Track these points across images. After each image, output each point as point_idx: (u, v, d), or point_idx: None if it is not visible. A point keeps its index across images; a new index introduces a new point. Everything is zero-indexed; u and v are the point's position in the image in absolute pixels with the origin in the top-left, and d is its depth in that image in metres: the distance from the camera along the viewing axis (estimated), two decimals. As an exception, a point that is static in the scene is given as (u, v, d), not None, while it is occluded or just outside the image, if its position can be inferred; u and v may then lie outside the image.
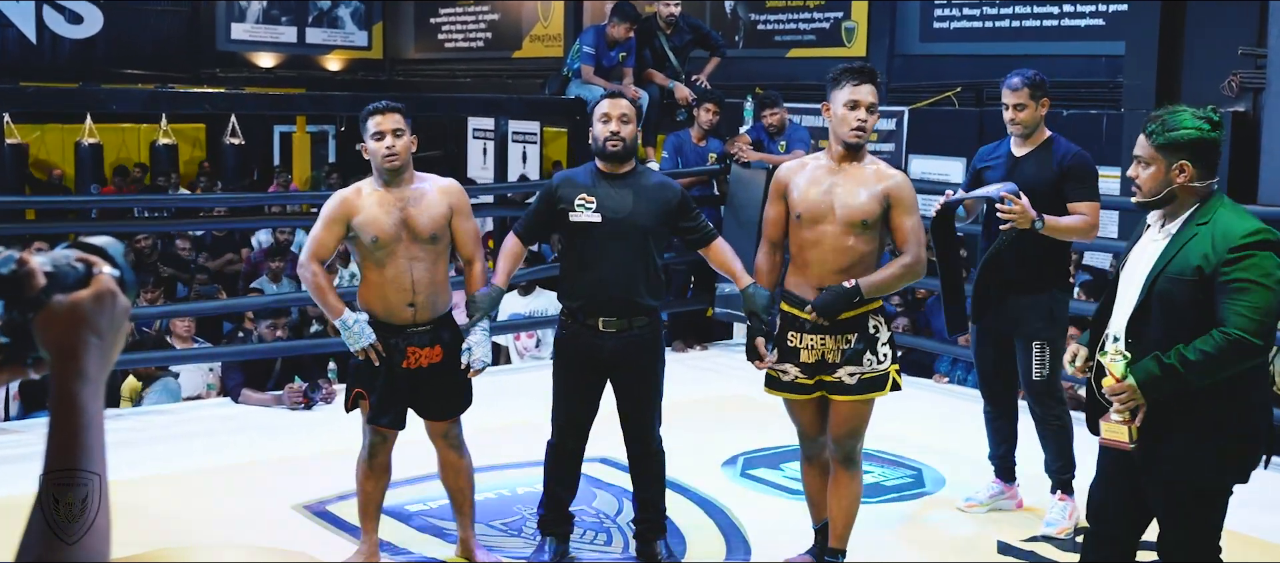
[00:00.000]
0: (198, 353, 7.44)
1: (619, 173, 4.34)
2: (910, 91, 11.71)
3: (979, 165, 5.01)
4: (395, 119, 4.24)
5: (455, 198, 4.33)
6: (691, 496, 5.20)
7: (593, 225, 4.27)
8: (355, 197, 4.27)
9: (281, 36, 18.21)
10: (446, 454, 4.46)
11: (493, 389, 7.24)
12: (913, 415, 6.06)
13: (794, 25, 12.96)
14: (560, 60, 11.21)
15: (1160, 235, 3.33)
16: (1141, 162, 3.30)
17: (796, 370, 4.18)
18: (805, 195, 4.12)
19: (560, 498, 4.53)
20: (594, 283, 4.28)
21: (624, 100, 4.36)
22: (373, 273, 4.26)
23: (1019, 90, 4.77)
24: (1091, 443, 3.58)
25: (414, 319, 4.25)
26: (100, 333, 1.30)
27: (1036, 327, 4.77)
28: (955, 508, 5.13)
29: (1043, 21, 10.82)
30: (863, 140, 4.10)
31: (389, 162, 4.21)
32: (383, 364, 4.24)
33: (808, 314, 4.10)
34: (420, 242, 4.23)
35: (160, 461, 5.59)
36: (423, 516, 4.97)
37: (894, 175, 4.17)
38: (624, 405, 4.43)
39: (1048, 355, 4.75)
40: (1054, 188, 4.74)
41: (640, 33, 8.79)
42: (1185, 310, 3.21)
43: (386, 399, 4.26)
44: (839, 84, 4.10)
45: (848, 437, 4.23)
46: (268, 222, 11.10)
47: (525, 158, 14.79)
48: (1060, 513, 4.86)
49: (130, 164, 15.41)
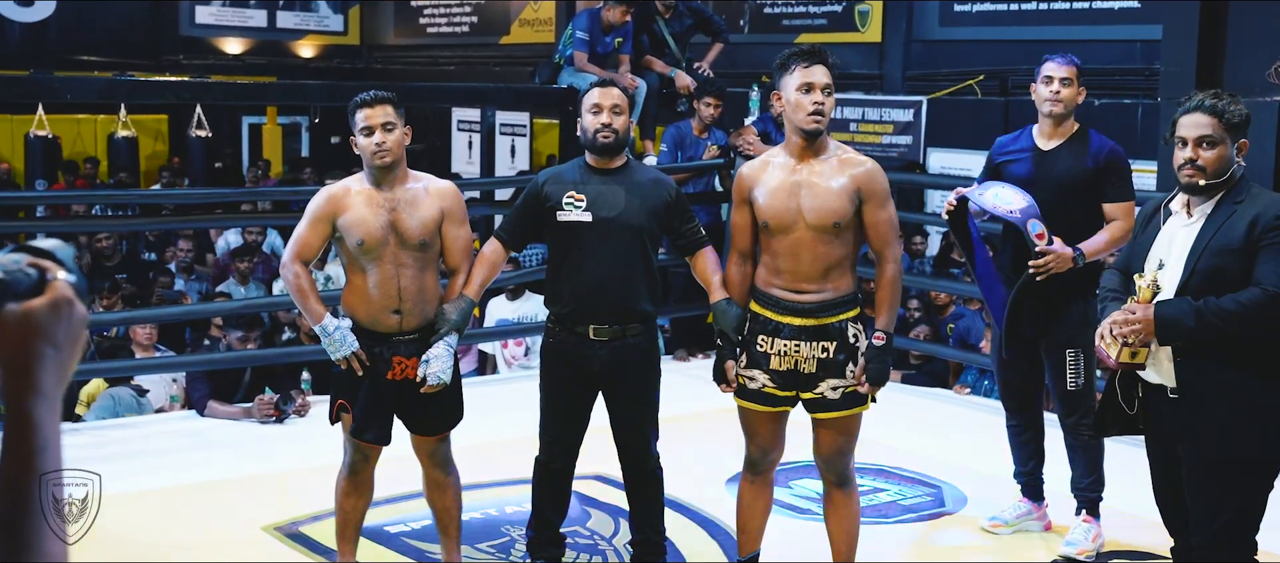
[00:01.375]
0: (160, 362, 7.44)
1: (610, 168, 4.34)
2: (929, 80, 11.74)
3: (998, 159, 4.94)
4: (386, 111, 4.20)
5: (449, 202, 4.30)
6: (693, 515, 5.21)
7: (583, 225, 4.27)
8: (344, 194, 4.25)
9: (250, 20, 18.23)
10: (433, 473, 4.44)
11: (480, 400, 7.25)
12: (931, 429, 6.07)
13: (804, 8, 12.99)
14: (551, 47, 11.24)
15: (1193, 218, 3.56)
16: (1208, 141, 3.50)
17: (766, 378, 4.14)
18: (770, 205, 4.07)
19: (550, 519, 4.54)
20: (584, 287, 4.28)
21: (616, 89, 4.36)
22: (358, 277, 4.25)
23: (1066, 66, 4.75)
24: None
25: (400, 327, 4.24)
26: (57, 344, 1.28)
27: (1071, 334, 4.74)
28: (979, 528, 5.13)
29: (1073, 3, 10.85)
30: (822, 126, 4.03)
31: (379, 158, 4.19)
32: (367, 375, 4.24)
33: (867, 390, 4.09)
34: (408, 247, 4.21)
35: (118, 479, 5.57)
36: (404, 538, 4.98)
37: (863, 164, 4.09)
38: (617, 420, 4.43)
39: (1083, 363, 4.75)
40: (1089, 185, 4.72)
41: (638, 17, 8.81)
42: (1233, 283, 3.44)
43: (371, 413, 4.26)
44: (788, 69, 4.04)
45: (839, 456, 4.21)
46: (239, 221, 11.08)
47: (514, 152, 14.79)
48: (1084, 535, 4.84)
49: (81, 160, 15.36)
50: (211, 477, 5.70)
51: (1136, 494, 4.16)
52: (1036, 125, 4.87)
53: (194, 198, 11.17)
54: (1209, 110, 3.50)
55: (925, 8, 11.99)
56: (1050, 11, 11.02)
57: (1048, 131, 4.82)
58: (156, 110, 16.38)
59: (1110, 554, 4.92)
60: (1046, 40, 9.98)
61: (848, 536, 4.30)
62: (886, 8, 12.18)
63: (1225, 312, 3.40)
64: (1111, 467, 4.98)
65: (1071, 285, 4.66)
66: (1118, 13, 10.57)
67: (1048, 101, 4.75)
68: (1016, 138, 4.95)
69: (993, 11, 11.45)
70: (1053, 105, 4.75)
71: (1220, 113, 3.49)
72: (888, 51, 12.20)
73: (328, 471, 4.48)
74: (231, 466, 5.86)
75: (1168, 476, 3.68)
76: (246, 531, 5.02)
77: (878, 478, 5.75)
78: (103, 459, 5.88)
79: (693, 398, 6.16)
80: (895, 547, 4.97)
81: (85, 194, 11.96)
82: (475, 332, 8.38)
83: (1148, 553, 4.80)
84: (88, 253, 10.38)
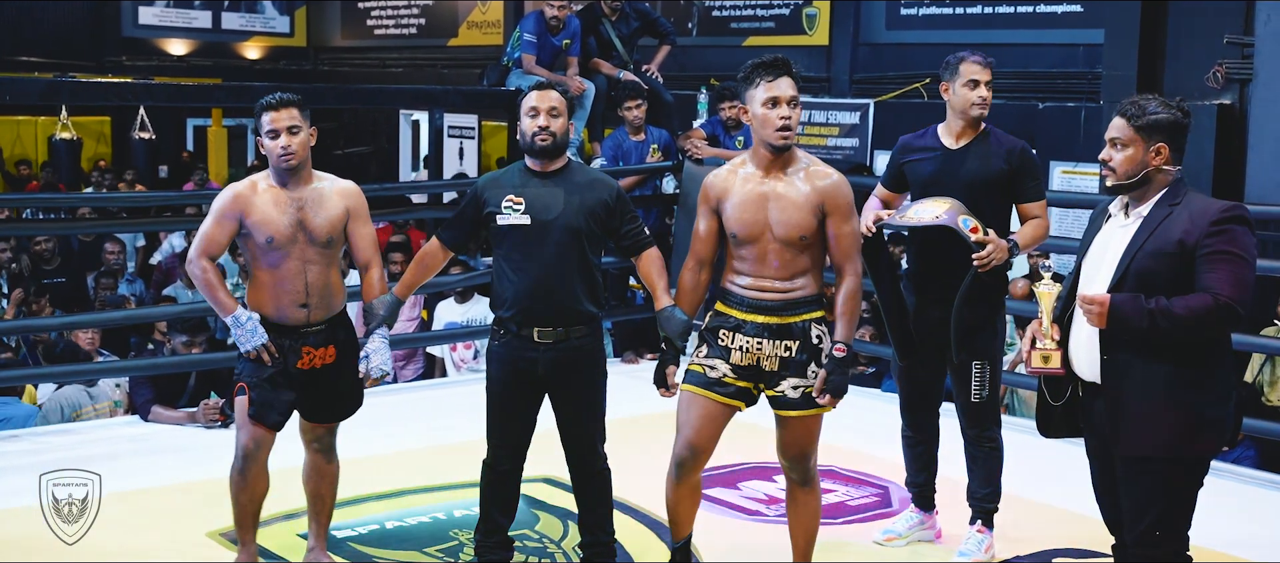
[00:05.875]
0: (104, 367, 7.36)
1: (549, 171, 4.36)
2: (876, 83, 11.83)
3: (904, 159, 4.86)
4: (291, 114, 4.29)
5: (353, 201, 4.44)
6: (643, 518, 5.22)
7: (522, 228, 4.30)
8: (250, 193, 4.35)
9: (195, 21, 18.07)
10: (317, 459, 4.56)
11: (428, 404, 7.25)
12: (879, 430, 6.10)
13: (752, 11, 13.04)
14: (500, 49, 11.20)
15: (1129, 220, 3.61)
16: (1118, 144, 3.59)
17: (727, 367, 4.16)
18: (737, 216, 4.10)
19: (498, 522, 4.53)
20: (526, 290, 4.30)
21: (554, 92, 4.37)
22: (264, 274, 4.36)
23: (989, 68, 4.70)
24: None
25: (308, 320, 4.38)
26: None
27: (978, 346, 4.73)
28: (872, 541, 5.10)
29: (1017, 8, 10.96)
30: (790, 141, 4.07)
31: (285, 161, 4.29)
32: (275, 363, 4.33)
33: (825, 406, 4.11)
34: (316, 244, 4.34)
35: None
36: (350, 543, 4.95)
37: (829, 177, 4.12)
38: (564, 422, 4.44)
39: (988, 374, 4.76)
40: (1002, 184, 4.69)
41: (584, 20, 8.81)
42: (1165, 286, 3.48)
43: (273, 398, 4.34)
44: (753, 82, 4.06)
45: (802, 456, 4.24)
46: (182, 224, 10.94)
47: (462, 154, 14.75)
48: (976, 545, 4.85)
49: (11, 163, 15.13)
50: (156, 482, 5.64)
51: (1079, 492, 4.20)
52: (943, 124, 4.80)
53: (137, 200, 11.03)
54: (1120, 113, 3.60)
55: (872, 11, 12.07)
56: (995, 15, 11.13)
57: (958, 131, 4.74)
58: (99, 112, 16.20)
59: (1055, 552, 4.98)
60: (991, 43, 10.06)
61: (809, 533, 4.34)
62: (833, 11, 12.26)
63: (1175, 316, 3.44)
64: (1057, 464, 5.04)
65: (981, 297, 4.65)
66: (1061, 17, 10.69)
67: (976, 105, 4.67)
68: (922, 136, 4.86)
69: (939, 15, 11.55)
70: (981, 108, 4.68)
71: (1131, 116, 3.56)
72: (835, 54, 12.28)
73: (275, 476, 4.45)
74: (176, 471, 5.80)
75: (1105, 473, 3.74)
76: (192, 537, 4.97)
77: (826, 479, 5.78)
78: (43, 465, 5.79)
79: (640, 400, 6.16)
80: (840, 548, 5.00)
81: (18, 198, 11.79)
82: (423, 335, 8.36)
83: (1091, 551, 4.86)
84: (26, 254, 10.24)
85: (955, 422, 4.91)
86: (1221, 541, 4.89)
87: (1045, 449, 4.33)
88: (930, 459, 5.02)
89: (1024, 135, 5.17)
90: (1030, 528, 5.16)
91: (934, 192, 4.66)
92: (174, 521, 5.17)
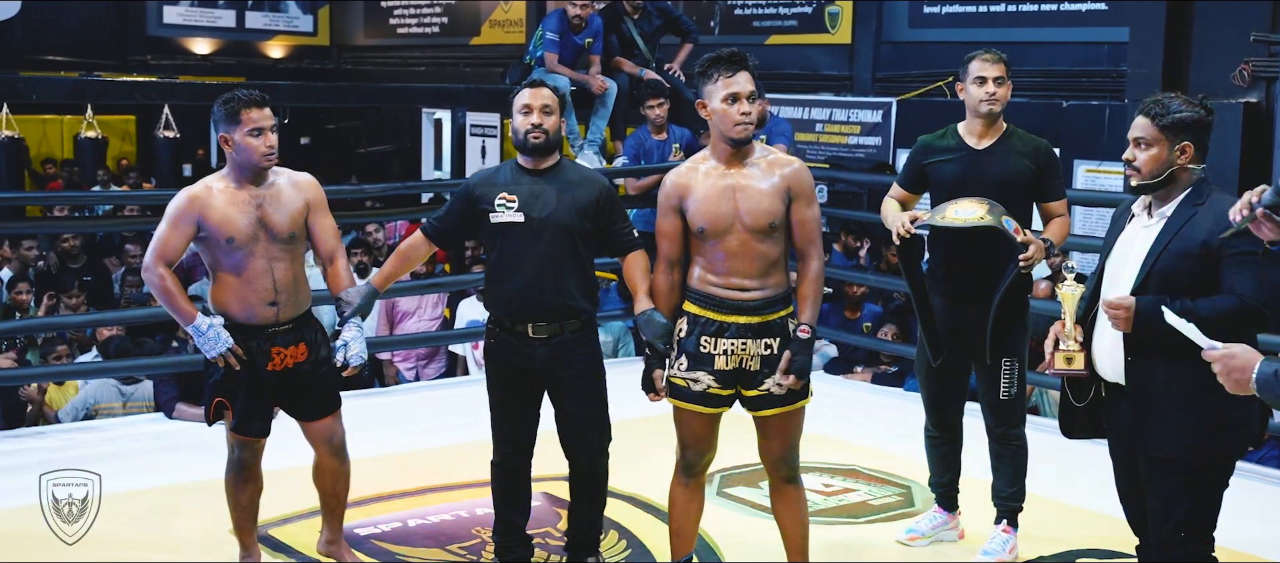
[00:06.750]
0: (128, 365, 7.39)
1: (542, 168, 4.37)
2: (898, 81, 11.79)
3: (926, 160, 4.81)
4: (269, 113, 4.29)
5: (311, 193, 4.42)
6: (665, 518, 5.21)
7: (515, 226, 4.31)
8: (205, 194, 4.31)
9: (219, 20, 18.14)
10: (327, 460, 4.53)
11: (450, 401, 7.26)
12: (903, 429, 6.09)
13: (774, 10, 13.02)
14: (522, 47, 11.23)
15: (1153, 220, 3.60)
16: (1143, 143, 3.57)
17: (711, 378, 4.13)
18: (704, 210, 4.07)
19: (513, 521, 4.55)
20: (520, 288, 4.32)
21: (545, 89, 4.38)
22: (228, 275, 4.32)
23: (998, 64, 4.65)
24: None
25: (277, 318, 4.34)
26: None
27: (1010, 343, 4.72)
28: (895, 541, 5.08)
29: (1041, 6, 10.91)
30: (749, 134, 4.06)
31: (269, 160, 4.29)
32: (245, 369, 4.30)
33: (791, 383, 4.07)
34: (279, 241, 4.31)
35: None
36: (373, 540, 4.97)
37: (790, 164, 4.14)
38: (561, 417, 4.45)
39: (1016, 372, 4.75)
40: (1029, 184, 4.68)
41: (607, 18, 8.81)
42: (1189, 287, 3.48)
43: (252, 407, 4.34)
44: (710, 77, 4.06)
45: (788, 452, 4.22)
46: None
47: (484, 153, 14.76)
48: (1001, 545, 4.83)
49: (37, 162, 15.21)
50: (181, 479, 5.67)
51: (1104, 493, 4.18)
52: (963, 124, 4.77)
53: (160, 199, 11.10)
54: (1144, 112, 3.58)
55: (895, 9, 12.03)
56: (1019, 14, 11.07)
57: (979, 131, 4.72)
58: (124, 111, 16.28)
59: (1079, 552, 4.96)
60: (1015, 42, 10.03)
61: (803, 529, 4.31)
62: (856, 9, 12.23)
63: (1200, 318, 3.35)
64: (1081, 464, 5.02)
65: (1011, 295, 4.63)
66: (1085, 15, 10.63)
67: (984, 102, 4.65)
68: (942, 136, 4.83)
69: (962, 13, 11.50)
70: (990, 105, 4.64)
71: (1155, 115, 3.55)
72: (857, 53, 12.24)
73: (298, 473, 4.47)
74: (201, 468, 5.82)
75: (1128, 474, 3.72)
76: (217, 534, 4.99)
77: (847, 479, 5.77)
78: (70, 462, 5.83)
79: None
80: (863, 548, 4.99)
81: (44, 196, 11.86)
82: (446, 334, 8.38)
83: (1115, 552, 4.84)
84: (54, 253, 10.31)
85: (978, 422, 4.91)
86: (1246, 541, 4.86)
87: (1069, 449, 4.32)
88: (954, 459, 5.01)
89: (1048, 134, 5.14)
90: (1054, 528, 5.14)
91: (961, 192, 4.63)
92: (199, 516, 5.18)
